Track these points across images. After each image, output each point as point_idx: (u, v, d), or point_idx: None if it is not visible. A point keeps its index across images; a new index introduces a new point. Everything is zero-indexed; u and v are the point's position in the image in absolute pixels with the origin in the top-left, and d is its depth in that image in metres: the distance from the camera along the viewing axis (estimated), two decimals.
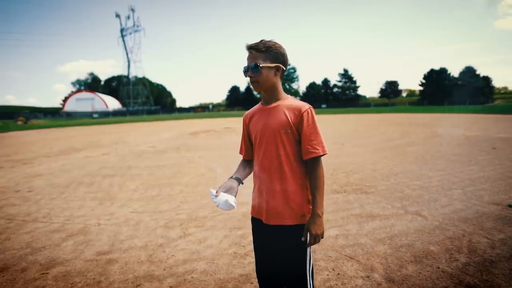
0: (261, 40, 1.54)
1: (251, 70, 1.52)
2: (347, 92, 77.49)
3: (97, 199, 4.89)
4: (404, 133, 12.88)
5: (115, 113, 69.01)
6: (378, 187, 4.98)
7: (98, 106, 74.07)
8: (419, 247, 2.91)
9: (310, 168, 1.53)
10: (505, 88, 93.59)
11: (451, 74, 67.06)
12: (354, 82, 77.66)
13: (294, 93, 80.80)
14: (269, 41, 1.54)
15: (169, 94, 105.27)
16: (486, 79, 65.12)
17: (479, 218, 3.53)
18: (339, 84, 78.49)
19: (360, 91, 79.95)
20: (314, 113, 1.53)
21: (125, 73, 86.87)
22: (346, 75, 77.72)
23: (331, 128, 16.69)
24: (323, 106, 68.21)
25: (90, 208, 4.48)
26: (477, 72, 64.13)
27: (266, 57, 1.51)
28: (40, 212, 4.37)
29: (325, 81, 79.16)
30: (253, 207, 1.68)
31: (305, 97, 77.19)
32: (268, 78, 1.53)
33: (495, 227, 3.28)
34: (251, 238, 1.88)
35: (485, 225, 3.34)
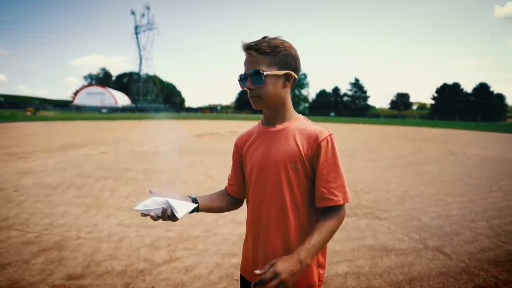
0: (264, 37, 1.08)
1: (250, 79, 1.07)
2: (357, 101, 76.75)
3: (84, 206, 4.50)
4: (417, 149, 12.31)
5: (124, 109, 69.31)
6: (392, 212, 4.50)
7: (108, 101, 74.52)
8: None
9: (324, 218, 1.07)
10: None
11: (464, 90, 66.02)
12: (365, 92, 76.91)
13: (303, 100, 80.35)
14: (275, 38, 1.08)
15: (178, 94, 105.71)
16: (500, 97, 63.95)
17: None
18: (350, 93, 77.81)
19: (370, 101, 79.12)
20: (335, 143, 1.08)
21: (137, 70, 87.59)
22: (357, 84, 77.07)
23: (340, 139, 16.12)
24: (332, 114, 67.71)
25: (74, 216, 4.08)
26: (491, 89, 63.02)
27: (271, 61, 1.06)
28: (19, 217, 3.99)
29: (336, 89, 78.57)
30: (243, 263, 1.25)
31: (314, 105, 76.72)
32: (274, 91, 1.07)
33: None
34: None
35: None
